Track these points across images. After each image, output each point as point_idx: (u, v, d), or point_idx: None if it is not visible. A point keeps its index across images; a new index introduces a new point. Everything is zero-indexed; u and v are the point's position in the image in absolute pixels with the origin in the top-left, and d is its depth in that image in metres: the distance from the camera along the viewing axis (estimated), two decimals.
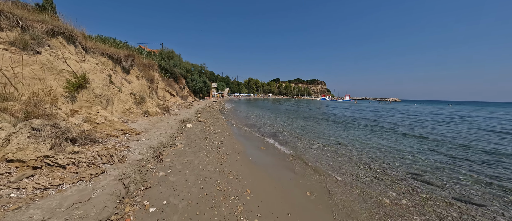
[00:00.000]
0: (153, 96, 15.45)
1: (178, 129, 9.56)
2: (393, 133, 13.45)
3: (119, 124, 7.14)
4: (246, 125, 14.92)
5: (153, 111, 11.93)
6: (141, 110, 11.64)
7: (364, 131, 13.82)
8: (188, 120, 12.90)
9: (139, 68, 14.79)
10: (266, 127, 14.47)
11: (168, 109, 13.80)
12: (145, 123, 9.78)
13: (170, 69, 28.73)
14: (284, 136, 11.40)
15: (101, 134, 6.01)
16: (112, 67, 12.30)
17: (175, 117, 12.93)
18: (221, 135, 10.03)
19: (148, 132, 7.89)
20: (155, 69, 19.74)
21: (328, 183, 5.29)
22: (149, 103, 12.21)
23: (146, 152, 5.39)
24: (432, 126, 17.18)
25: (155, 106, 12.55)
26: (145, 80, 15.31)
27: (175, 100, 22.67)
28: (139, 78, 14.15)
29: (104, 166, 4.09)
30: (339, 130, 14.28)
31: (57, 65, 6.31)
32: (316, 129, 14.21)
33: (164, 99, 19.39)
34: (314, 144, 9.67)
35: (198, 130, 10.48)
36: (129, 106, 11.01)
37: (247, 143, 9.02)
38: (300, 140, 10.42)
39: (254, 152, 7.59)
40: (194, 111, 18.43)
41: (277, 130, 13.14)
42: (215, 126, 12.52)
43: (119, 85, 11.38)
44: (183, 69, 37.78)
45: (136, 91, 12.63)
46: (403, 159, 7.77)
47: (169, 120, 11.50)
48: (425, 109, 45.52)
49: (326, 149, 8.81)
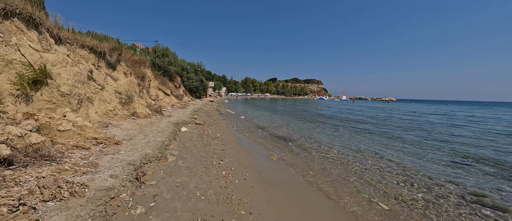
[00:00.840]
0: (143, 96, 13.83)
1: (171, 134, 8.01)
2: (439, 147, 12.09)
3: (93, 131, 5.57)
4: (248, 127, 13.43)
5: (142, 112, 10.34)
6: (128, 111, 10.04)
7: (389, 139, 12.14)
8: (183, 123, 11.34)
9: (128, 64, 13.15)
10: (271, 129, 13.01)
11: (160, 110, 12.21)
12: (131, 127, 8.20)
13: (165, 67, 27.02)
14: (294, 141, 9.95)
15: (63, 147, 4.45)
16: (95, 61, 10.65)
17: (168, 119, 11.35)
18: (222, 140, 8.53)
19: (132, 139, 6.33)
20: (147, 66, 18.08)
21: (374, 209, 3.85)
22: (137, 104, 10.61)
23: (122, 173, 3.86)
24: (463, 133, 15.99)
25: (145, 107, 10.96)
26: (134, 77, 13.67)
27: (170, 100, 21.02)
28: (127, 75, 12.51)
29: (43, 206, 2.55)
30: (352, 134, 12.91)
31: (5, 53, 4.71)
32: (326, 132, 12.81)
33: (157, 99, 17.76)
34: (330, 151, 8.24)
35: (194, 135, 8.95)
36: (113, 107, 9.41)
37: (254, 152, 7.54)
38: (313, 145, 8.98)
39: (264, 165, 6.11)
40: (190, 112, 16.84)
41: (284, 134, 11.68)
42: (214, 129, 11.00)
43: (101, 83, 9.76)
44: (179, 67, 36.03)
45: (123, 90, 11.00)
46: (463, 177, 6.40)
47: (160, 123, 9.92)
48: (427, 110, 44.77)
49: (346, 158, 7.39)
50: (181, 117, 13.03)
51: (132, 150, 5.23)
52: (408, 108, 47.97)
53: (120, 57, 12.17)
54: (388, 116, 25.30)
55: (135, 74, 14.33)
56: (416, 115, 28.87)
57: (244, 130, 12.14)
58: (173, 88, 25.75)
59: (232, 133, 10.80)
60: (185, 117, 13.41)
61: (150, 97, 16.75)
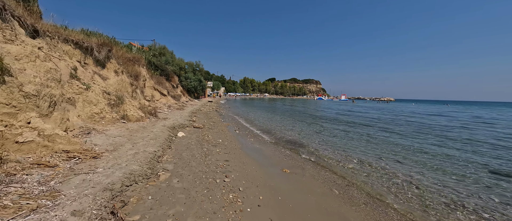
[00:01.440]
0: (137, 96, 12.67)
1: (165, 141, 6.89)
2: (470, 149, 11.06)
3: (67, 141, 4.45)
4: (251, 131, 12.34)
5: (134, 115, 9.20)
6: (118, 114, 8.90)
7: (409, 148, 11.20)
8: (180, 126, 10.22)
9: (119, 62, 11.98)
10: (276, 133, 11.94)
11: (154, 112, 11.06)
12: (119, 132, 7.07)
13: (161, 66, 25.82)
14: (305, 147, 8.89)
15: (17, 166, 3.33)
16: (81, 58, 9.49)
17: (163, 122, 10.22)
18: (225, 148, 7.43)
19: (117, 150, 5.21)
20: (141, 64, 16.91)
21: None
22: (129, 106, 9.47)
23: (92, 206, 2.75)
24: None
25: (137, 109, 9.81)
26: (127, 76, 12.51)
27: (166, 100, 19.85)
28: (118, 73, 11.35)
29: None
30: (365, 138, 11.89)
31: None
32: (336, 136, 11.77)
33: (153, 100, 16.60)
34: (347, 160, 7.19)
35: (193, 141, 7.84)
36: (100, 109, 8.27)
37: (263, 162, 6.45)
38: (327, 153, 7.93)
39: (279, 181, 5.02)
40: (188, 113, 15.71)
41: (291, 138, 10.62)
42: (215, 133, 9.90)
43: (87, 82, 8.62)
44: (176, 66, 34.83)
45: (112, 90, 9.85)
46: None
47: (154, 127, 8.79)
48: (429, 110, 44.07)
49: (368, 169, 6.35)
50: (178, 119, 11.90)
51: (114, 166, 4.12)
52: (409, 108, 47.25)
53: (110, 54, 11.00)
54: (394, 118, 24.39)
55: (127, 73, 13.17)
56: (421, 115, 28.02)
57: (248, 134, 11.06)
58: (170, 88, 24.57)
59: (235, 137, 9.71)
60: (183, 119, 12.28)
61: (145, 97, 15.59)
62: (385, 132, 13.37)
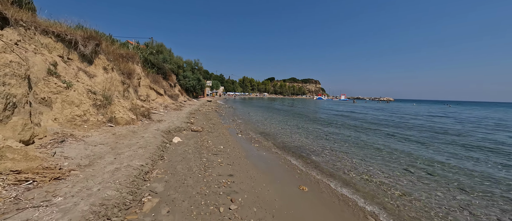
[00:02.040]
0: (130, 96, 11.53)
1: (157, 150, 5.80)
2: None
3: (22, 157, 3.36)
4: (254, 134, 11.26)
5: (124, 118, 8.09)
6: (104, 117, 7.78)
7: (435, 152, 10.27)
8: (176, 130, 9.12)
9: (109, 58, 10.84)
10: (282, 137, 10.87)
11: (148, 114, 9.94)
12: (102, 139, 5.96)
13: (158, 64, 24.64)
14: (318, 155, 7.83)
15: None
16: (63, 52, 8.36)
17: (157, 125, 9.11)
18: (227, 156, 6.35)
19: (93, 165, 4.12)
20: (136, 61, 15.77)
21: None
22: (118, 107, 8.35)
23: None
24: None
25: (128, 110, 8.69)
26: (118, 74, 11.38)
27: (163, 100, 18.72)
28: (108, 71, 10.22)
29: None
30: (382, 145, 10.86)
31: None
32: (348, 141, 10.74)
33: (148, 99, 15.47)
34: (367, 171, 6.15)
35: (190, 148, 6.75)
36: (83, 111, 7.16)
37: (274, 176, 5.37)
38: (345, 164, 6.88)
39: (299, 205, 3.96)
40: (186, 114, 14.61)
41: (300, 143, 9.55)
42: (215, 137, 8.81)
43: (69, 80, 7.49)
44: (174, 65, 33.67)
45: (99, 89, 8.73)
46: None
47: (146, 131, 7.69)
48: (432, 111, 43.23)
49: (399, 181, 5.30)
50: (174, 121, 10.79)
51: (80, 193, 3.02)
52: (412, 109, 46.38)
53: (98, 48, 9.86)
54: (400, 120, 23.43)
55: (119, 70, 12.04)
56: (427, 117, 27.09)
57: (251, 138, 9.98)
58: (168, 88, 23.43)
59: (238, 143, 8.63)
60: (180, 121, 11.17)
61: (139, 97, 14.47)
62: (399, 138, 12.35)
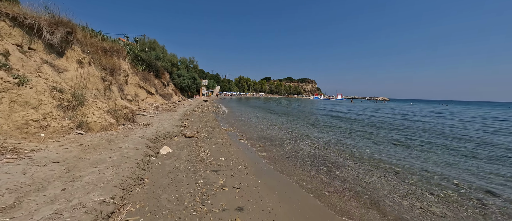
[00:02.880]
0: (112, 95, 9.83)
1: (136, 169, 4.21)
2: None
3: None
4: (258, 139, 9.73)
5: (98, 122, 6.44)
6: (73, 121, 6.13)
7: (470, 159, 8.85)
8: (166, 136, 7.51)
9: (86, 50, 9.13)
10: (291, 142, 9.39)
11: (132, 116, 8.29)
12: (59, 154, 4.34)
13: (150, 61, 22.80)
14: (340, 167, 6.37)
15: None
16: (22, 41, 6.66)
17: (142, 130, 7.48)
18: (231, 173, 4.82)
19: (13, 209, 2.53)
20: (122, 56, 14.01)
21: None
22: (92, 108, 6.69)
23: None
24: None
25: (105, 113, 7.03)
26: (98, 69, 9.67)
27: (154, 100, 16.99)
28: (83, 65, 8.52)
29: None
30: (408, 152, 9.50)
31: None
32: (366, 146, 9.34)
33: (136, 99, 13.76)
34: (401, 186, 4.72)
35: (182, 163, 5.18)
36: (42, 114, 5.52)
37: (303, 204, 3.87)
38: (375, 179, 5.44)
39: None
40: (179, 116, 12.97)
41: (315, 152, 8.08)
42: (214, 145, 7.25)
43: (24, 74, 5.81)
44: (168, 62, 31.81)
45: (69, 87, 7.04)
46: None
47: (126, 139, 6.06)
48: (431, 110, 42.62)
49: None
50: (164, 125, 9.17)
51: None
52: (412, 109, 45.69)
53: (70, 38, 8.14)
54: (407, 122, 22.29)
55: (100, 65, 10.34)
56: (433, 117, 26.11)
57: (256, 145, 8.46)
58: (160, 86, 21.67)
59: (242, 152, 7.09)
60: (171, 125, 9.55)
61: (126, 97, 12.76)
62: (440, 149, 11.03)
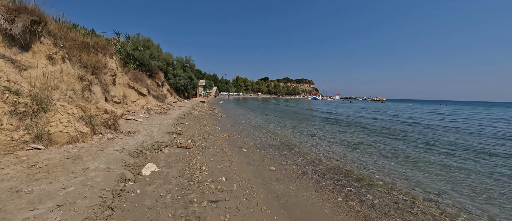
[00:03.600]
0: (92, 97, 8.41)
1: (99, 208, 2.86)
2: None
3: None
4: (264, 145, 8.41)
5: (65, 133, 5.05)
6: (29, 132, 4.73)
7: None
8: (154, 147, 6.15)
9: (60, 44, 7.70)
10: (301, 151, 8.10)
11: (114, 123, 6.90)
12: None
13: (143, 60, 21.34)
14: (370, 186, 5.10)
15: None
16: None
17: (124, 141, 6.10)
18: (236, 205, 3.50)
19: None
20: (109, 53, 12.58)
21: None
22: (58, 114, 5.31)
23: None
24: None
25: (77, 120, 5.64)
26: (76, 67, 8.26)
27: (146, 101, 15.55)
28: (55, 61, 7.11)
29: None
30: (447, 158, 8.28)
31: None
32: (387, 156, 8.11)
33: (125, 101, 12.34)
34: None
35: (170, 190, 3.83)
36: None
37: None
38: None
39: None
40: (173, 120, 11.58)
41: (331, 163, 6.81)
42: (212, 158, 5.92)
43: None
44: (163, 61, 30.36)
45: (30, 88, 5.62)
46: None
47: (100, 155, 4.69)
48: (433, 110, 41.86)
49: None
50: (153, 132, 7.79)
51: None
52: (412, 109, 44.90)
53: (38, 29, 6.73)
54: (420, 121, 21.23)
55: (80, 62, 8.93)
56: (444, 119, 25.14)
57: (262, 155, 7.16)
58: (153, 87, 20.21)
59: (247, 166, 5.77)
60: (162, 131, 8.17)
61: (112, 99, 11.33)
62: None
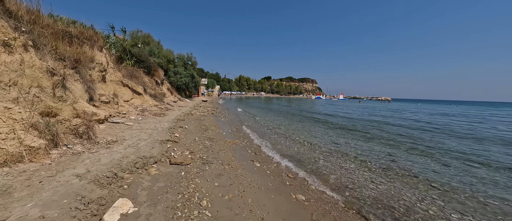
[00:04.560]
0: (67, 96, 6.76)
1: None
2: None
3: None
4: (279, 155, 6.71)
5: (1, 151, 3.41)
6: None
7: None
8: (137, 165, 4.47)
9: (20, 29, 6.07)
10: (328, 165, 6.37)
11: (87, 132, 5.24)
12: None
13: (140, 56, 19.75)
14: None
15: None
16: None
17: (93, 158, 4.43)
18: None
19: None
20: (98, 46, 10.95)
21: None
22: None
23: None
24: None
25: (24, 129, 4.00)
26: (50, 58, 6.62)
27: (141, 101, 13.93)
28: (13, 49, 5.48)
29: None
30: None
31: None
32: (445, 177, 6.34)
33: (115, 100, 10.71)
34: None
35: None
36: None
37: None
38: None
39: None
40: (170, 123, 9.92)
41: (377, 187, 5.09)
42: (215, 180, 4.22)
43: None
44: (163, 58, 28.75)
45: None
46: None
47: (42, 188, 3.03)
48: (448, 111, 39.65)
49: None
50: (141, 142, 6.12)
51: None
52: (423, 109, 42.73)
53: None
54: (441, 123, 19.31)
55: (57, 54, 7.31)
56: (472, 122, 23.14)
57: (281, 172, 5.45)
58: (151, 85, 18.60)
59: (267, 197, 4.08)
60: (153, 139, 6.50)
61: (100, 98, 9.71)
62: None
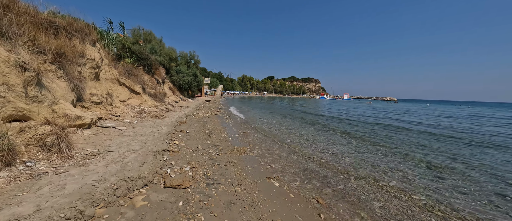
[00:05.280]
0: (43, 97, 5.57)
1: None
2: None
3: None
4: (300, 175, 5.42)
5: None
6: None
7: None
8: (117, 193, 3.20)
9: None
10: (366, 186, 5.06)
11: (59, 142, 4.03)
12: None
13: (140, 54, 18.63)
14: None
15: None
16: None
17: (58, 182, 3.20)
18: None
19: None
20: (90, 40, 9.78)
21: None
22: None
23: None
24: None
25: None
26: (25, 51, 5.43)
27: (140, 101, 12.75)
28: None
29: None
30: None
31: None
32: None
33: (108, 101, 9.52)
34: None
35: None
36: None
37: None
38: None
39: None
40: (169, 126, 8.69)
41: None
42: (225, 216, 2.98)
43: None
44: (165, 56, 27.64)
45: None
46: None
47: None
48: (463, 112, 37.78)
49: None
50: (130, 153, 4.88)
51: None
52: (433, 110, 40.89)
53: None
54: (468, 126, 17.75)
55: (37, 47, 6.12)
56: (499, 123, 21.51)
57: (306, 197, 4.17)
58: (152, 84, 17.44)
59: None
60: (146, 148, 5.26)
61: (90, 98, 8.53)
62: None
